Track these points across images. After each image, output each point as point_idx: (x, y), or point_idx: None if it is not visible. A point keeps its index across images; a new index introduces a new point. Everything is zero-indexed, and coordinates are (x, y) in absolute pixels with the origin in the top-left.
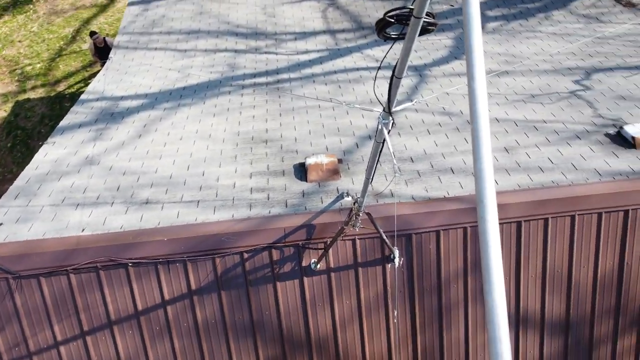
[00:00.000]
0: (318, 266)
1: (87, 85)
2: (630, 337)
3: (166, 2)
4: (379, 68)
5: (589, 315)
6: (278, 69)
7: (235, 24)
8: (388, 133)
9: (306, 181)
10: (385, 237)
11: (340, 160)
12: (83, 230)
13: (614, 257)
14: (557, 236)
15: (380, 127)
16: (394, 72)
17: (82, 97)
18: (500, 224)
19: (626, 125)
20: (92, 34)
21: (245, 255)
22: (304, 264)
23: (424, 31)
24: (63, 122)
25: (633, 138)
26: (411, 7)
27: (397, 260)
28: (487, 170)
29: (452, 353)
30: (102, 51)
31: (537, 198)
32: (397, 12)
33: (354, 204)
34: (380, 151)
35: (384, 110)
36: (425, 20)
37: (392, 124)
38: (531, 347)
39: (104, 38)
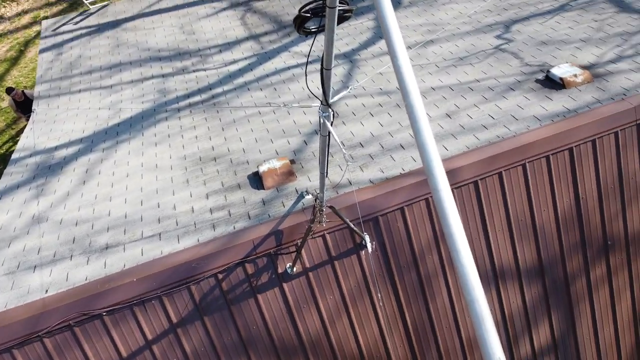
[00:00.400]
0: (294, 269)
1: (16, 143)
2: (601, 265)
3: (79, 41)
4: (307, 64)
5: (559, 254)
6: (210, 85)
7: (156, 48)
8: (331, 124)
9: (263, 189)
10: (352, 226)
11: (292, 161)
12: (47, 291)
13: (570, 195)
14: (514, 187)
15: (322, 120)
16: (322, 64)
17: (14, 156)
18: (457, 187)
19: (552, 69)
20: (9, 90)
21: (220, 276)
22: (279, 270)
23: (342, 19)
24: None
25: (561, 79)
26: None
27: (369, 245)
28: (429, 142)
29: (441, 320)
30: (23, 105)
31: (487, 155)
32: (312, 5)
33: (315, 200)
34: (328, 144)
35: (322, 103)
36: (340, 8)
37: (333, 114)
38: (513, 296)
39: (23, 91)
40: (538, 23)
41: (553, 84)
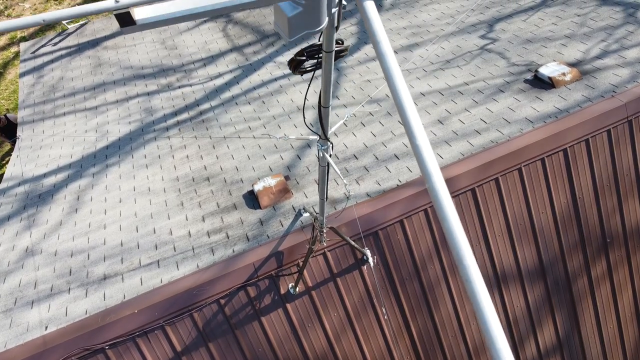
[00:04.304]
0: (297, 289)
1: (1, 167)
2: (601, 262)
3: (59, 62)
4: (304, 105)
5: (559, 254)
6: (197, 101)
7: (138, 66)
8: (330, 156)
9: (260, 208)
10: (353, 243)
11: (287, 177)
12: (46, 327)
13: (566, 195)
14: (511, 191)
15: (321, 154)
16: (319, 102)
17: (1, 186)
18: (455, 195)
19: (540, 68)
20: None
21: (222, 302)
22: (282, 291)
23: (337, 58)
24: None
25: (550, 78)
26: (319, 42)
27: (370, 260)
28: (425, 148)
29: (446, 329)
30: (7, 129)
31: (483, 162)
32: (307, 50)
33: (315, 220)
34: (327, 173)
35: (320, 137)
36: (336, 49)
37: (332, 147)
38: (516, 299)
39: (5, 115)
40: (521, 20)
41: (542, 83)
